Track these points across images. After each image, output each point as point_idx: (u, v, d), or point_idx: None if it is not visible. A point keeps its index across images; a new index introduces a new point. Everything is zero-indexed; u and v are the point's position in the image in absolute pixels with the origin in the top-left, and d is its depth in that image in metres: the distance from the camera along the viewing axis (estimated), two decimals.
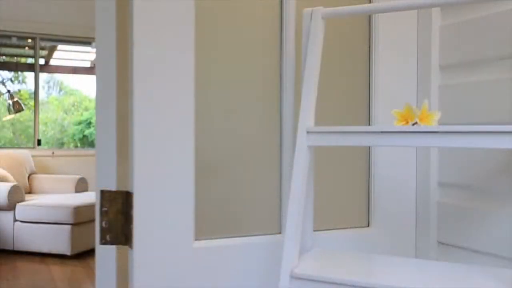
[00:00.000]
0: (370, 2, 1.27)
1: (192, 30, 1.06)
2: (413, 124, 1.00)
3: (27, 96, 6.83)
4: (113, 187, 1.08)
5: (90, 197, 5.37)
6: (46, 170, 6.37)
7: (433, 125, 0.99)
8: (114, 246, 1.09)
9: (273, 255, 1.14)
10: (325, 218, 1.23)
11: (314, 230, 1.19)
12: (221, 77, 1.14)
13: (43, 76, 6.96)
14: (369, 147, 1.28)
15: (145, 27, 1.02)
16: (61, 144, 7.70)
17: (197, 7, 1.08)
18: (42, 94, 6.81)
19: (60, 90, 8.08)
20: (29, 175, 6.04)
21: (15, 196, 5.09)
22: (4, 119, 6.97)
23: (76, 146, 7.81)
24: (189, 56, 1.06)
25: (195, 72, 1.07)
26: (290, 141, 1.18)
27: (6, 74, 6.94)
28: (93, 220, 5.16)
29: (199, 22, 1.09)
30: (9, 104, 5.78)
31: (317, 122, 1.16)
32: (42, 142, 6.73)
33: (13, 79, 7.04)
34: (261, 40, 1.17)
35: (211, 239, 1.11)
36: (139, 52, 1.02)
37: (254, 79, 1.17)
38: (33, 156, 6.26)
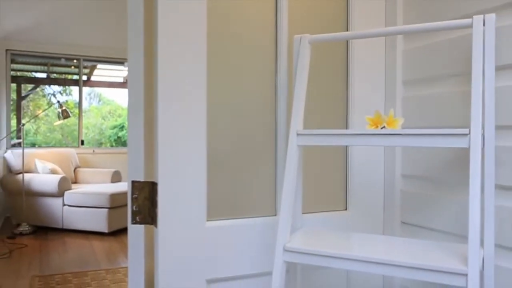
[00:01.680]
0: (347, 30, 1.27)
1: (204, 52, 1.06)
2: (381, 128, 1.00)
3: (73, 106, 6.85)
4: (141, 178, 1.08)
5: (123, 186, 5.39)
6: (88, 165, 6.39)
7: (397, 128, 0.99)
8: (142, 226, 1.09)
9: (269, 233, 1.14)
10: (311, 203, 1.23)
11: (303, 213, 1.20)
12: (227, 90, 1.13)
13: (85, 89, 6.97)
14: (346, 146, 1.28)
15: (167, 51, 1.02)
16: (100, 144, 7.71)
17: (208, 35, 1.08)
18: (84, 104, 6.83)
19: (99, 100, 8.10)
20: (75, 169, 6.06)
21: (64, 185, 5.10)
22: (55, 124, 6.99)
23: (112, 146, 7.82)
24: (202, 73, 1.06)
25: (207, 86, 1.07)
26: (284, 141, 1.18)
27: (56, 88, 6.97)
28: (125, 205, 5.19)
29: (210, 47, 1.09)
30: (58, 112, 5.79)
31: (305, 126, 1.16)
32: (85, 142, 6.75)
33: (61, 92, 7.06)
34: (260, 60, 1.17)
35: (220, 219, 1.11)
36: (162, 71, 1.02)
37: (255, 91, 1.17)
38: (77, 154, 6.28)
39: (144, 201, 1.07)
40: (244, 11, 1.14)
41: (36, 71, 6.70)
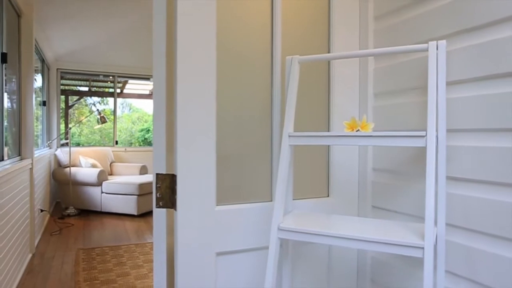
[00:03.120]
0: (329, 52, 1.27)
1: (214, 72, 1.06)
2: (356, 131, 1.00)
3: (109, 113, 6.85)
4: (164, 171, 1.08)
5: (149, 178, 5.39)
6: (121, 160, 6.39)
7: (369, 131, 0.99)
8: (164, 209, 1.09)
9: (266, 215, 1.14)
10: (300, 191, 1.23)
11: (293, 199, 1.20)
12: (232, 100, 1.13)
13: (119, 100, 6.98)
14: (328, 145, 1.28)
15: (184, 71, 1.02)
16: (130, 144, 7.72)
17: (217, 57, 1.08)
18: (118, 112, 6.82)
19: (130, 109, 8.11)
20: (110, 163, 6.06)
21: (102, 177, 5.10)
22: (95, 127, 6.99)
23: (140, 145, 7.82)
24: (212, 88, 1.06)
25: (216, 98, 1.07)
26: (278, 141, 1.18)
27: (96, 99, 6.98)
28: (151, 193, 5.19)
29: (219, 66, 1.09)
30: (98, 118, 5.80)
31: (296, 129, 1.15)
32: (118, 142, 6.75)
33: (100, 102, 7.07)
34: (259, 76, 1.17)
35: (227, 204, 1.11)
36: (181, 86, 1.02)
37: (254, 101, 1.16)
38: (113, 151, 6.28)
39: (166, 190, 1.07)
40: (245, 37, 1.14)
41: (80, 85, 6.71)
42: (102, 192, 5.10)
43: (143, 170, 5.95)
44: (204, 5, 1.04)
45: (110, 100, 6.81)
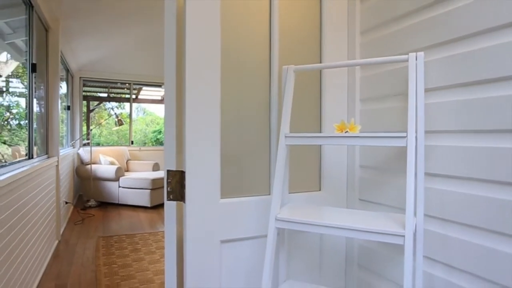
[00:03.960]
0: (321, 62, 1.27)
1: (218, 79, 1.06)
2: (345, 132, 1.00)
3: (125, 116, 6.85)
4: (174, 168, 1.08)
5: (161, 174, 5.39)
6: (136, 158, 6.39)
7: (356, 132, 0.99)
8: (174, 202, 1.09)
9: (265, 207, 1.14)
10: (295, 186, 1.23)
11: (289, 193, 1.20)
12: (234, 105, 1.13)
13: (134, 105, 6.97)
14: (320, 145, 1.28)
15: (192, 79, 1.02)
16: (144, 144, 7.72)
17: (221, 66, 1.08)
18: (133, 115, 6.82)
19: (144, 112, 8.11)
20: (127, 161, 6.06)
21: (119, 173, 5.11)
22: (113, 129, 6.99)
23: (153, 145, 7.82)
24: (217, 94, 1.06)
25: (220, 103, 1.07)
26: (275, 141, 1.18)
27: (114, 104, 6.98)
28: (162, 187, 5.19)
29: (223, 74, 1.09)
30: (115, 121, 5.79)
31: (291, 130, 1.15)
32: (134, 142, 6.75)
33: (117, 106, 7.07)
34: (258, 84, 1.17)
35: (230, 197, 1.11)
36: (189, 93, 1.02)
37: (254, 106, 1.16)
38: (129, 150, 6.28)
39: (176, 184, 1.07)
40: (246, 49, 1.14)
41: (100, 92, 6.70)
42: (119, 187, 5.10)
43: (156, 167, 5.95)
44: (209, 21, 1.04)
45: (127, 104, 6.81)
